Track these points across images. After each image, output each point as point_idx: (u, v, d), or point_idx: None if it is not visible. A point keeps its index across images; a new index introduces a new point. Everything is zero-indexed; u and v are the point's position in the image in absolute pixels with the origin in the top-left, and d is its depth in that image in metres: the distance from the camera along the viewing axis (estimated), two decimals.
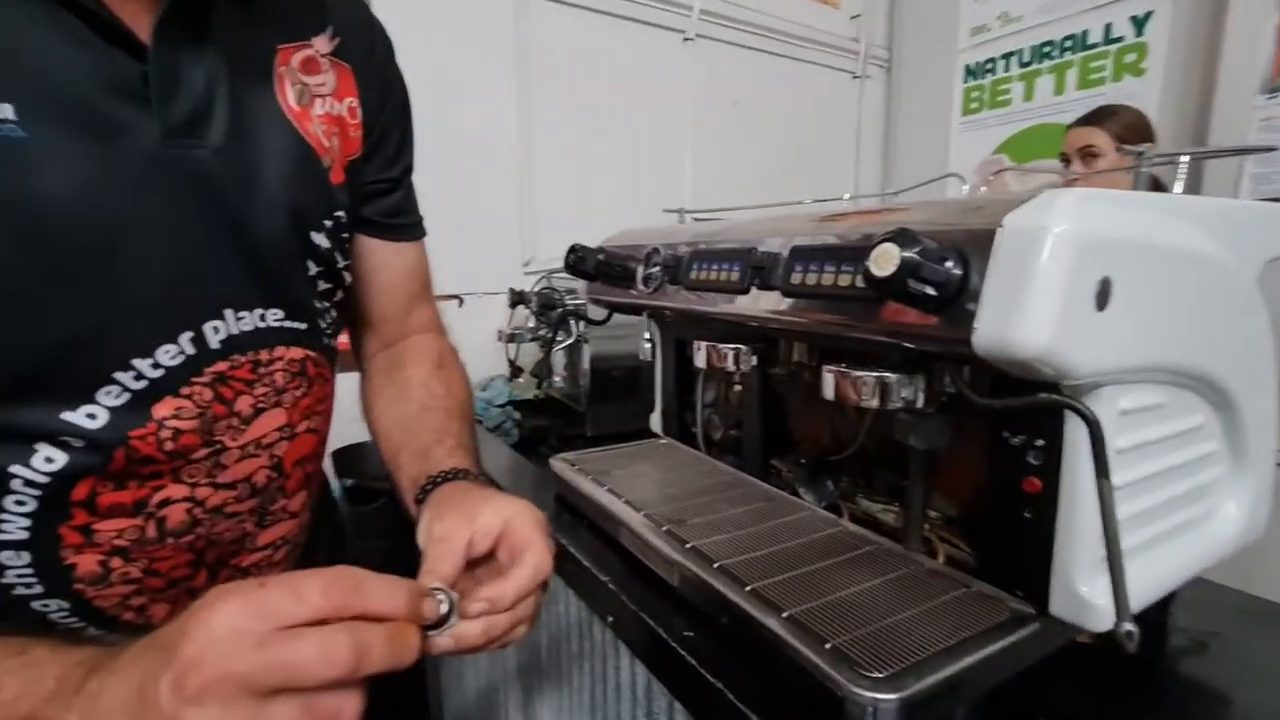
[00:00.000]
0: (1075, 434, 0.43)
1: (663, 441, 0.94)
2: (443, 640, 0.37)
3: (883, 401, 0.48)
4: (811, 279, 0.50)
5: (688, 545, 0.60)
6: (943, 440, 0.53)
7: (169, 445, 0.44)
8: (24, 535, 0.42)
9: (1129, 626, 0.38)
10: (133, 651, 0.30)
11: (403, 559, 1.37)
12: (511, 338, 1.25)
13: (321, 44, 0.53)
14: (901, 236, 0.39)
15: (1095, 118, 1.46)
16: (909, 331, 0.43)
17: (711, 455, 0.89)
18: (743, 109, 1.91)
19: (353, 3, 0.57)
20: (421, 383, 0.61)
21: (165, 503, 0.46)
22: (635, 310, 0.79)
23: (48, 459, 0.41)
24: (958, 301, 0.40)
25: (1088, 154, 1.44)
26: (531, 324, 1.25)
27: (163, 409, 0.44)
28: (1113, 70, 1.77)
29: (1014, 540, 0.49)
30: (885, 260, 0.38)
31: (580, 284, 0.93)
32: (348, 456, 1.24)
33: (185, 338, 0.44)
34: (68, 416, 0.41)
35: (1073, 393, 0.41)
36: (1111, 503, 0.39)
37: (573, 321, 1.12)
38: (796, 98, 2.03)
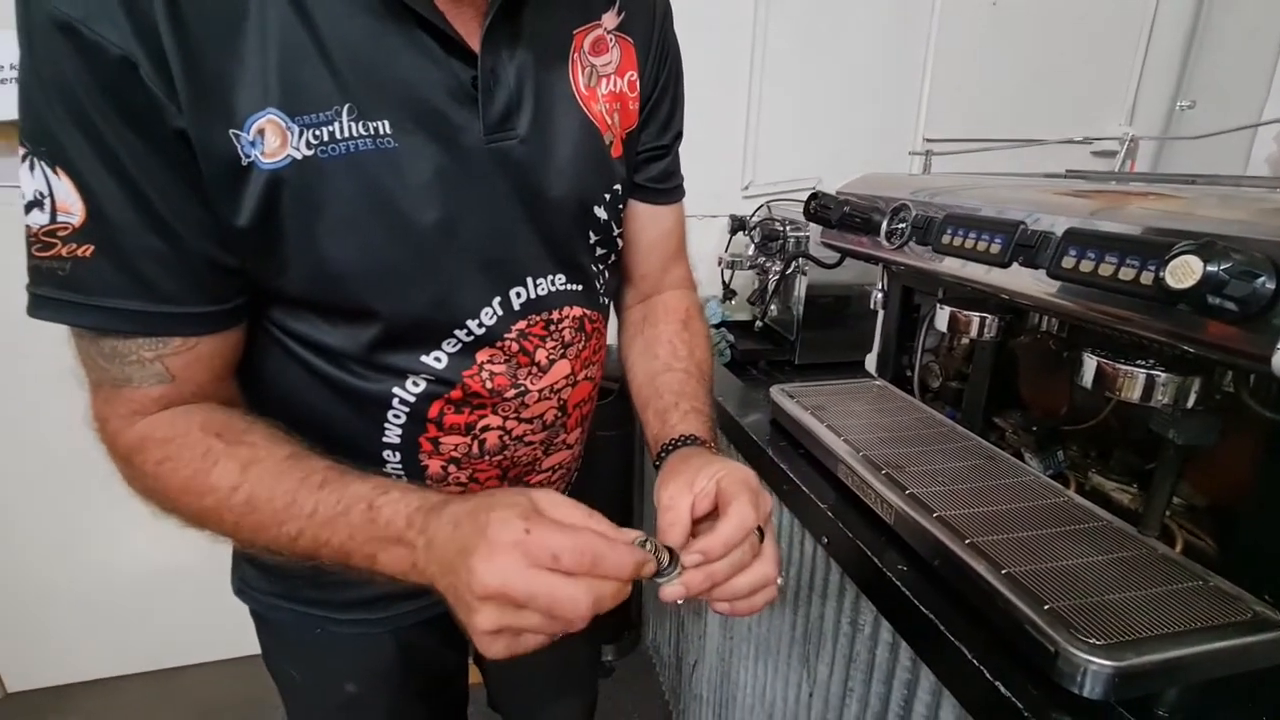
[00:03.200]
0: None
1: (876, 383, 0.98)
2: (671, 589, 0.42)
3: (1147, 397, 0.49)
4: (1087, 266, 0.50)
5: (907, 491, 0.66)
6: (1207, 439, 0.52)
7: (489, 384, 0.56)
8: (398, 440, 0.55)
9: None
10: (459, 513, 0.40)
11: (626, 447, 1.58)
12: (731, 264, 1.31)
13: (609, 19, 0.56)
14: (1207, 250, 0.38)
15: None
16: (1196, 338, 0.43)
17: (925, 402, 0.91)
18: (1002, 8, 1.67)
19: None
20: (668, 340, 0.68)
21: (486, 428, 0.57)
22: (873, 260, 0.81)
23: (414, 383, 0.54)
24: (1263, 316, 0.39)
25: None
26: (750, 251, 1.30)
27: (482, 355, 0.55)
28: None
29: (1277, 545, 0.48)
30: (1184, 273, 0.39)
31: (804, 218, 0.96)
32: None
33: (497, 301, 0.53)
34: (424, 359, 0.53)
35: None
36: None
37: (799, 260, 1.16)
38: None
